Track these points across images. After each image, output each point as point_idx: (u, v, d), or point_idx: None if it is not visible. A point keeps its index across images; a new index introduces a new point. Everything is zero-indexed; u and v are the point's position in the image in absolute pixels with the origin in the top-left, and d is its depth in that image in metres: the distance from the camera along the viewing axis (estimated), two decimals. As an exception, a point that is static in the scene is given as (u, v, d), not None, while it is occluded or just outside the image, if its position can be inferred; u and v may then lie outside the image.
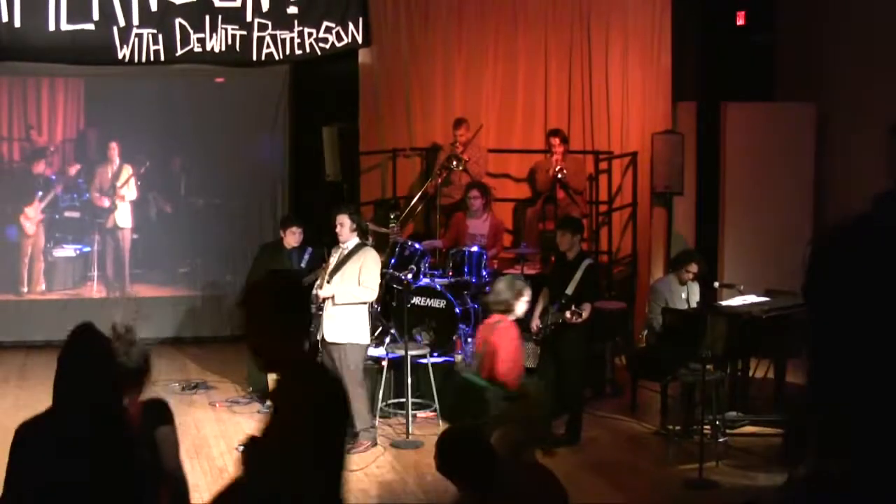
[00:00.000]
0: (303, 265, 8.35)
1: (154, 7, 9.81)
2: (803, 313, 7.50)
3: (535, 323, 7.77)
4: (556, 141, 9.87)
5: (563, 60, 10.44)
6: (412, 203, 9.73)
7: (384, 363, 8.11)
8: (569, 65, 10.44)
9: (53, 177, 10.64)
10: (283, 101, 10.81)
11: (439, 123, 10.55)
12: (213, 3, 9.95)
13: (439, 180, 9.74)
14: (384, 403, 8.14)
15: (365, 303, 7.40)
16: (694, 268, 8.26)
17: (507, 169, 10.65)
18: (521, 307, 6.70)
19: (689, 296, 8.40)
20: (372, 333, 7.72)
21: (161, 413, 4.06)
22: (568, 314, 7.42)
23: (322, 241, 8.20)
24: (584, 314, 7.46)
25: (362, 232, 7.47)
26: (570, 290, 7.58)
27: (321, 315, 7.42)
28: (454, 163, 9.80)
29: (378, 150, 10.48)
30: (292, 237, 8.37)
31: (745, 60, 10.36)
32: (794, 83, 10.42)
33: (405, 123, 10.61)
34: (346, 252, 7.42)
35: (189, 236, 10.83)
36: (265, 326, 2.98)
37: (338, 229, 7.38)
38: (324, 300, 7.38)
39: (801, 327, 7.47)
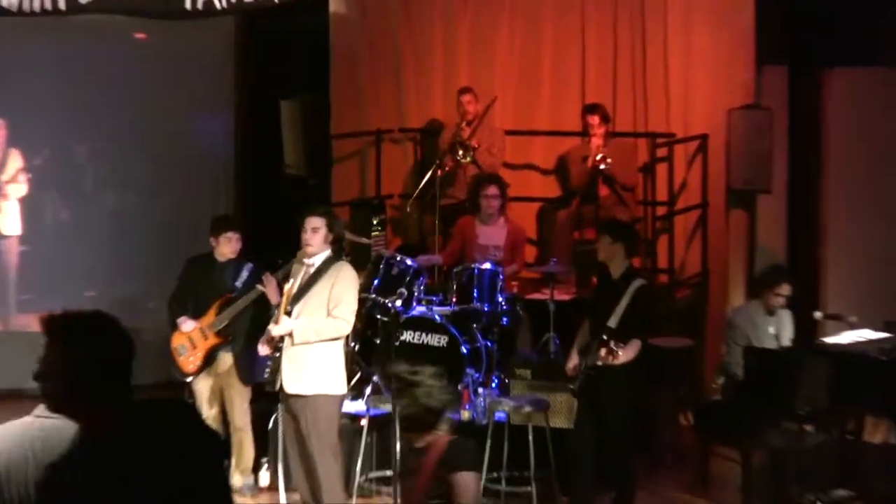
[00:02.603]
0: (238, 284, 8.28)
1: (52, -60, 9.82)
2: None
3: (571, 365, 7.71)
4: (594, 119, 9.85)
5: (606, 16, 10.46)
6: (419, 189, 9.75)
7: (364, 422, 8.08)
8: (613, 21, 10.45)
9: None
10: (228, 66, 10.81)
11: (438, 97, 10.52)
12: (131, -66, 9.98)
13: (440, 173, 9.70)
14: (363, 477, 8.09)
15: (336, 339, 7.37)
16: (785, 289, 8.28)
17: (529, 157, 10.60)
18: None
19: (779, 330, 8.42)
20: (348, 381, 7.66)
21: (462, 457, 5.11)
22: (602, 352, 7.34)
23: (274, 255, 8.16)
24: (625, 354, 7.37)
25: (338, 243, 7.43)
26: (613, 322, 7.51)
27: (278, 357, 7.37)
28: (460, 152, 9.78)
29: (356, 133, 10.43)
30: (227, 246, 8.33)
31: (853, 12, 10.28)
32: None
33: (393, 97, 10.59)
34: (312, 270, 7.39)
35: (98, 248, 10.80)
36: None
37: (307, 236, 7.35)
38: (281, 339, 7.34)
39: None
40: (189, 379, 8.35)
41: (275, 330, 7.34)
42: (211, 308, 8.30)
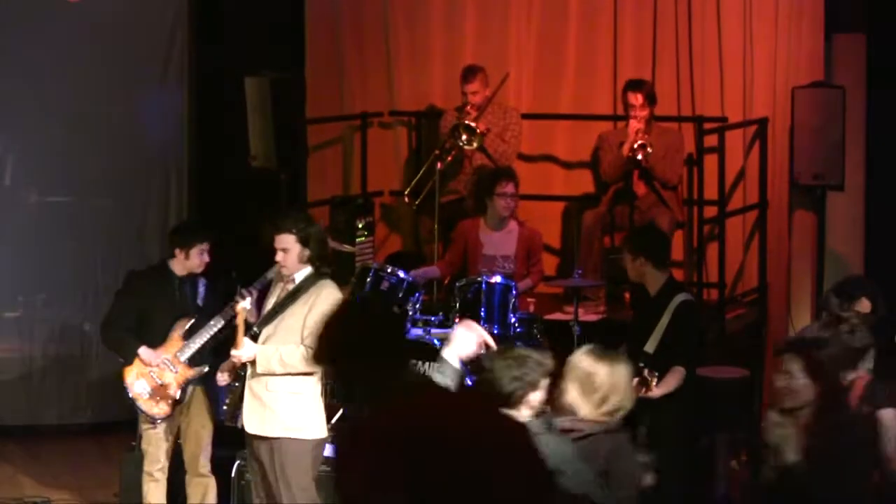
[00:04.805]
0: (199, 303, 8.30)
1: None
2: None
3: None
4: (637, 99, 9.83)
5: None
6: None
7: (347, 468, 8.07)
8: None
9: None
10: (180, 33, 10.83)
11: (438, 75, 10.58)
12: None
13: (439, 165, 9.74)
14: (347, 536, 8.09)
15: (307, 374, 7.39)
16: (865, 306, 8.24)
17: (550, 148, 10.67)
18: None
19: (857, 357, 8.42)
20: (327, 420, 7.67)
21: (883, 394, 6.35)
22: (635, 382, 7.37)
23: (232, 267, 8.22)
24: (664, 385, 7.41)
25: (320, 257, 7.45)
26: (651, 346, 7.57)
27: (237, 387, 7.48)
28: (464, 136, 9.80)
29: (338, 117, 10.51)
30: (197, 258, 8.30)
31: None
32: None
33: (383, 73, 10.64)
34: (291, 287, 7.45)
35: (20, 257, 10.77)
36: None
37: (278, 258, 7.40)
38: (243, 365, 7.41)
39: None
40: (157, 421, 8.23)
41: (238, 354, 7.37)
42: (173, 333, 8.28)
